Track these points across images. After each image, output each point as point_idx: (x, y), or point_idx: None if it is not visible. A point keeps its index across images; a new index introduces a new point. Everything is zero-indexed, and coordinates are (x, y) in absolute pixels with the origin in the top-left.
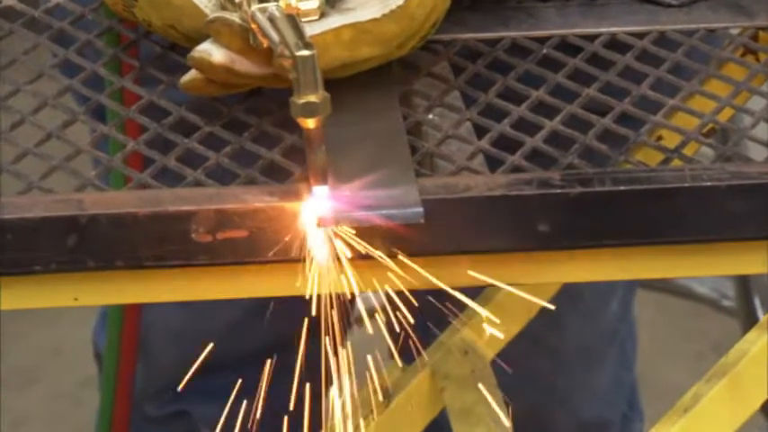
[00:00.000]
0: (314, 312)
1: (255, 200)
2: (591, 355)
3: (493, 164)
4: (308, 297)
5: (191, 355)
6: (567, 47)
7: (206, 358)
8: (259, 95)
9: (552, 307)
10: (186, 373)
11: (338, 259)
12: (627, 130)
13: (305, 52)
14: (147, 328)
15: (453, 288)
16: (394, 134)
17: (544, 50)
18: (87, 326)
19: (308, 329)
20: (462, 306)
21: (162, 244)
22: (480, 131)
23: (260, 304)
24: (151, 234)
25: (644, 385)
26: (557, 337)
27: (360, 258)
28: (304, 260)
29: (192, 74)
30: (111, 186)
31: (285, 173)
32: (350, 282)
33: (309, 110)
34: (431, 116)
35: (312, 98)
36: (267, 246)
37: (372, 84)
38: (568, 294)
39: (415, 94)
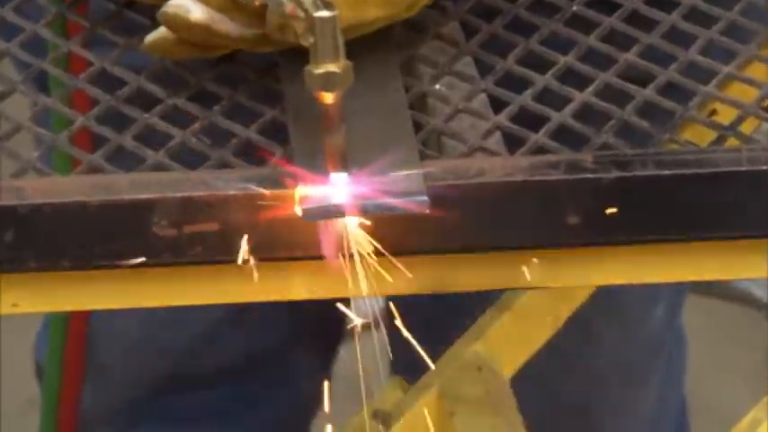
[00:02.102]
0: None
1: (229, 186)
2: (631, 371)
3: (512, 144)
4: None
5: (151, 370)
6: (602, 3)
7: (169, 374)
8: (233, 61)
9: (584, 315)
10: (145, 392)
11: (346, 256)
12: (672, 103)
13: (325, 13)
14: (98, 338)
15: (465, 292)
16: (394, 108)
17: (574, 8)
18: (29, 337)
19: (293, 341)
20: (476, 314)
21: (117, 239)
22: (497, 105)
23: (235, 312)
24: (104, 228)
25: (694, 406)
26: (589, 350)
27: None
28: (291, 259)
29: (159, 33)
30: (55, 170)
31: (264, 154)
32: (358, 283)
33: (329, 81)
34: (438, 87)
35: (332, 67)
36: (242, 241)
37: (369, 48)
38: (603, 300)
39: (420, 60)
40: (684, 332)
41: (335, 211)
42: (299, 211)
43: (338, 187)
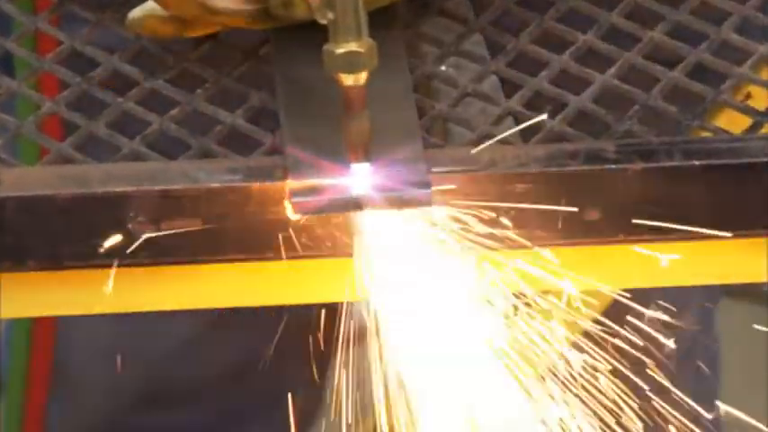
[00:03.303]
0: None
1: (212, 179)
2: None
3: (526, 131)
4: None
5: (126, 385)
6: None
7: (146, 389)
8: (218, 41)
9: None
10: (120, 409)
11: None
12: (703, 86)
13: None
14: (67, 349)
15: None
16: (397, 91)
17: None
18: None
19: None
20: None
21: (88, 237)
22: (509, 88)
23: (218, 320)
24: (74, 224)
25: (727, 422)
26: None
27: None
28: (284, 258)
29: (146, 8)
30: (21, 160)
31: (251, 143)
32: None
33: (351, 62)
34: (444, 68)
35: (354, 46)
36: (228, 240)
37: (371, 26)
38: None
39: (424, 38)
40: (717, 342)
41: (329, 206)
42: (288, 206)
43: (332, 179)
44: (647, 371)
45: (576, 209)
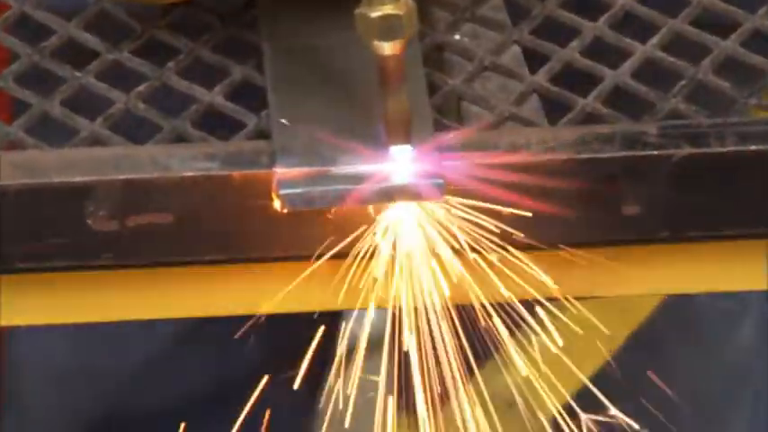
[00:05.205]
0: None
1: (186, 167)
2: (712, 404)
3: (554, 110)
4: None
5: (84, 405)
6: None
7: (108, 411)
8: (192, 4)
9: (651, 332)
10: None
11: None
12: (761, 57)
13: None
14: (17, 364)
15: (490, 302)
16: (405, 64)
17: None
18: None
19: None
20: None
21: (42, 235)
22: (535, 60)
23: (192, 331)
24: (25, 220)
25: None
26: (658, 378)
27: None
28: (270, 260)
29: None
30: None
31: (232, 125)
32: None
33: (389, 28)
34: (458, 37)
35: (391, 9)
36: (205, 238)
37: None
38: (674, 313)
39: (435, 1)
40: None
41: (322, 199)
42: (276, 198)
43: (323, 168)
44: None
45: (612, 202)
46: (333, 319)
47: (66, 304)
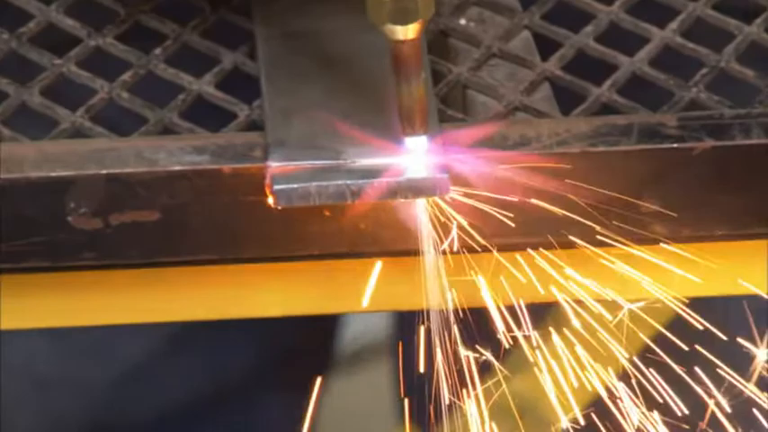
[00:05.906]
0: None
1: (173, 160)
2: (745, 426)
3: (566, 100)
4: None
5: (67, 415)
6: None
7: (93, 421)
8: None
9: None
10: None
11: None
12: None
13: None
14: None
15: (498, 306)
16: None
17: None
18: None
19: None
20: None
21: (20, 234)
22: (546, 47)
23: (183, 336)
24: (2, 217)
25: None
26: (683, 394)
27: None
28: (266, 261)
29: None
30: None
31: (223, 116)
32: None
33: (402, 10)
34: (464, 21)
35: None
36: (193, 237)
37: None
38: (706, 319)
39: None
40: None
41: (319, 195)
42: (269, 194)
43: (319, 162)
44: None
45: (629, 198)
46: (331, 321)
47: (44, 308)
